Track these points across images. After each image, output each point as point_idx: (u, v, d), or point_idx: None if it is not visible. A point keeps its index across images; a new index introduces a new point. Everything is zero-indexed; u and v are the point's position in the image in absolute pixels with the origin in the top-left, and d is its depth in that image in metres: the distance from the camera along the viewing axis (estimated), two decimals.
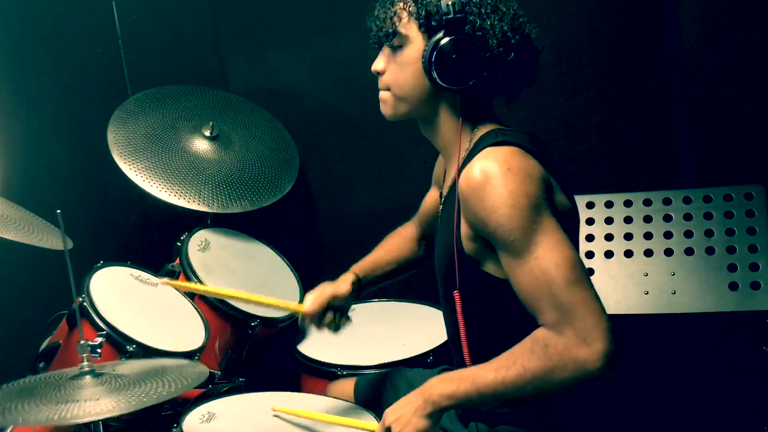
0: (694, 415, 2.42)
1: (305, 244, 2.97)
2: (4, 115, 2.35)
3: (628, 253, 2.18)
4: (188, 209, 2.37)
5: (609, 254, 2.19)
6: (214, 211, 2.42)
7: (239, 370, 2.29)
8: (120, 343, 1.91)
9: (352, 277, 1.89)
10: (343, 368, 2.09)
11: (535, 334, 1.38)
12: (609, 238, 2.20)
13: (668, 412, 2.46)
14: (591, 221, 2.23)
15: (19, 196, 2.10)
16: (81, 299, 1.95)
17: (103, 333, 1.89)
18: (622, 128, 2.48)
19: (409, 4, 1.53)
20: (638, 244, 2.17)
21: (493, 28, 1.49)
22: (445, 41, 1.48)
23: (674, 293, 2.10)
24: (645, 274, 2.14)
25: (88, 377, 1.50)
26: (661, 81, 2.41)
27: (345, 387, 1.99)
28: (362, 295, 1.93)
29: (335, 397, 1.90)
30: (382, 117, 1.64)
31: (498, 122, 1.59)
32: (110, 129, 2.46)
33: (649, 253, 2.16)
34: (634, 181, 2.48)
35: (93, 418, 1.36)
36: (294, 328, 2.36)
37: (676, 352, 2.44)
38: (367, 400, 1.91)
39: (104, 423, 1.59)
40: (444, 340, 2.10)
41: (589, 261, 2.19)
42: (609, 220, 2.22)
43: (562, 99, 2.51)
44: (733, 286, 2.04)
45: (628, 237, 2.19)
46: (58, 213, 1.53)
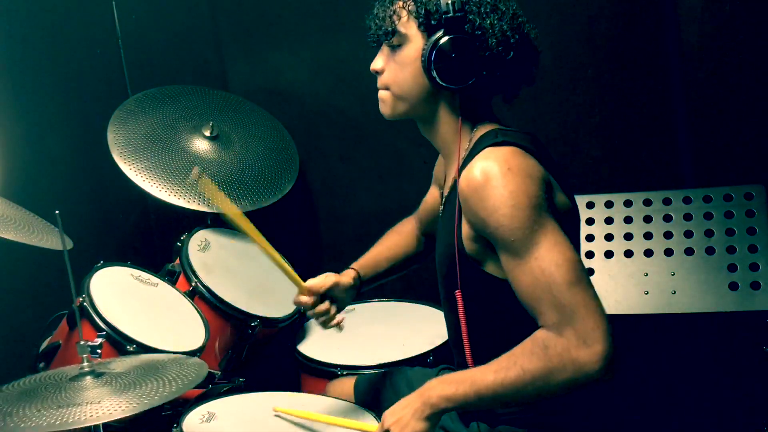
0: (694, 415, 2.42)
1: (305, 244, 2.97)
2: (4, 115, 2.34)
3: (628, 253, 2.18)
4: (188, 209, 2.37)
5: (609, 254, 2.19)
6: (214, 211, 2.42)
7: (239, 370, 2.29)
8: (120, 343, 1.91)
9: (353, 273, 1.90)
10: (343, 368, 2.09)
11: (535, 336, 1.37)
12: (609, 238, 2.20)
13: (668, 412, 2.46)
14: (591, 221, 2.23)
15: (19, 196, 2.09)
16: (81, 299, 1.95)
17: (103, 333, 1.89)
18: (622, 128, 2.48)
19: (409, 3, 1.53)
20: (638, 244, 2.17)
21: (492, 28, 1.49)
22: (445, 40, 1.48)
23: (674, 293, 2.10)
24: (645, 274, 2.14)
25: (89, 378, 1.50)
26: (661, 81, 2.41)
27: (345, 385, 1.99)
28: (362, 291, 1.93)
29: (335, 397, 1.90)
30: (382, 117, 1.64)
31: (497, 122, 1.59)
32: (110, 129, 2.46)
33: (649, 253, 2.16)
34: (634, 181, 2.48)
35: (95, 422, 1.35)
36: (294, 328, 2.37)
37: (676, 352, 2.44)
38: (367, 399, 1.90)
39: (104, 424, 1.59)
40: (444, 340, 2.11)
41: (589, 261, 2.19)
42: (609, 220, 2.22)
43: (562, 99, 2.51)
44: (733, 286, 2.04)
45: (628, 237, 2.19)
46: (57, 213, 1.53)
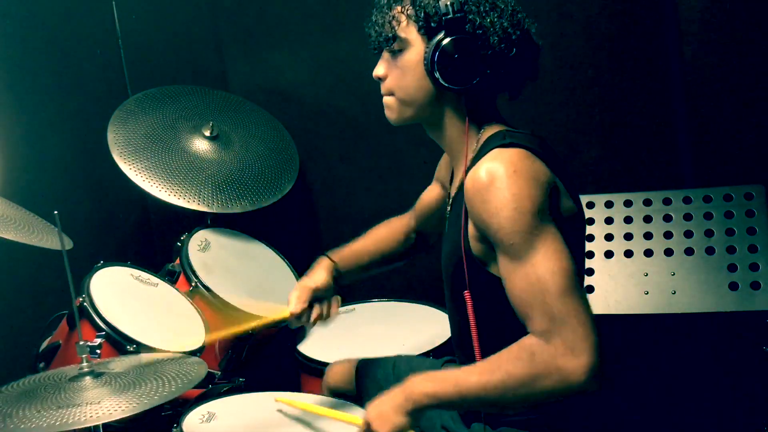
0: (694, 415, 2.42)
1: (305, 244, 2.97)
2: (4, 115, 2.34)
3: (628, 253, 2.17)
4: (188, 209, 2.37)
5: (609, 254, 2.19)
6: (214, 211, 2.42)
7: (239, 370, 2.29)
8: (120, 343, 1.91)
9: (328, 264, 1.86)
10: None
11: (522, 341, 1.37)
12: (609, 238, 2.20)
13: (668, 412, 2.46)
14: (591, 221, 2.22)
15: (19, 196, 2.09)
16: (81, 299, 1.95)
17: (103, 333, 1.89)
18: (622, 128, 2.48)
19: (407, 8, 1.53)
20: (638, 244, 2.17)
21: (493, 26, 1.49)
22: (447, 41, 1.47)
23: (674, 293, 2.10)
24: (645, 274, 2.14)
25: (88, 378, 1.50)
26: (661, 81, 2.41)
27: (345, 369, 1.98)
28: (342, 284, 1.88)
29: (335, 389, 1.91)
30: (382, 117, 1.64)
31: (504, 122, 1.58)
32: (110, 129, 2.46)
33: (649, 253, 2.15)
34: (634, 181, 2.48)
35: (95, 422, 1.35)
36: (294, 328, 2.36)
37: (676, 352, 2.44)
38: (368, 385, 1.89)
39: (104, 424, 1.58)
40: (444, 340, 2.11)
41: (589, 261, 2.19)
42: (609, 220, 2.22)
43: (562, 99, 2.51)
44: (733, 286, 2.04)
45: (628, 237, 2.19)
46: (56, 214, 1.53)
